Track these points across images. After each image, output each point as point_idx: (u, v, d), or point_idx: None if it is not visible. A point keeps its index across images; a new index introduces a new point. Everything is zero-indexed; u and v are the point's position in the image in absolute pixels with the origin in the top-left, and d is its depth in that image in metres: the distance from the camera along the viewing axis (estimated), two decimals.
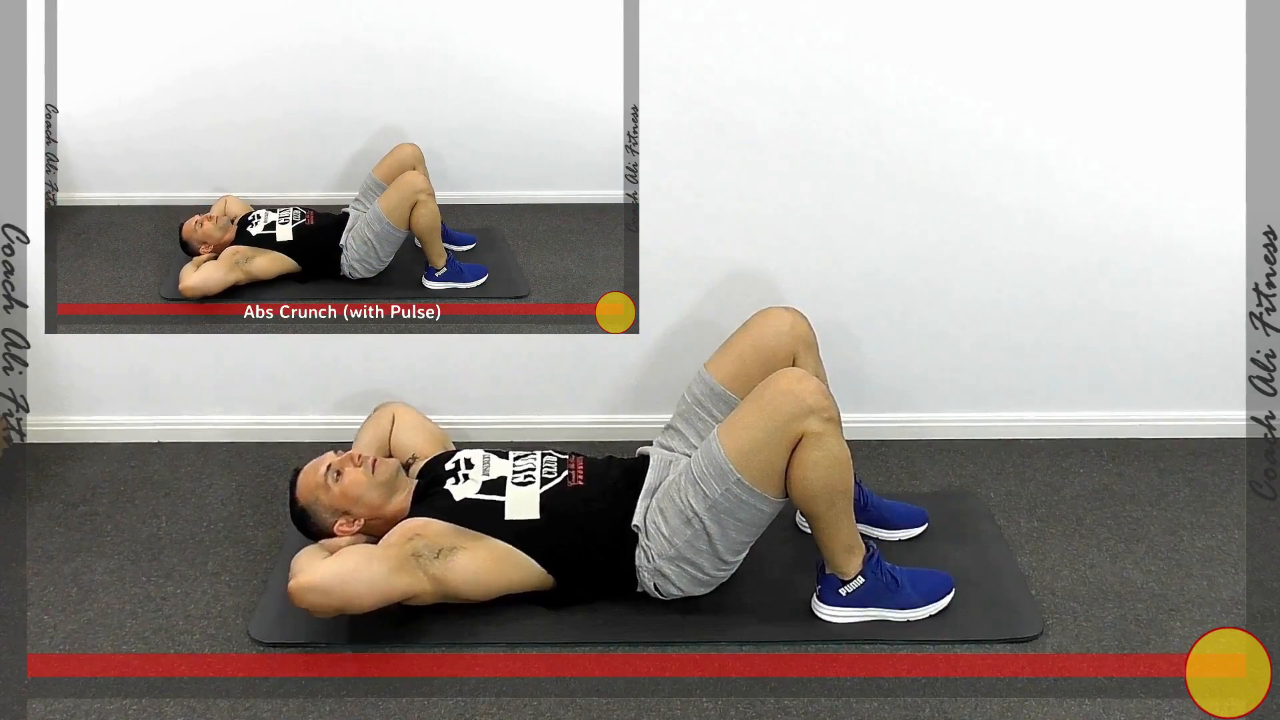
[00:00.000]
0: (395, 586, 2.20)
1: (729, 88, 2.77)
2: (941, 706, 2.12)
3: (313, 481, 2.36)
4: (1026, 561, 2.55)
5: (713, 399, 2.46)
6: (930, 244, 2.91)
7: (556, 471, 2.40)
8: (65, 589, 2.47)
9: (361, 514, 2.36)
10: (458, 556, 2.25)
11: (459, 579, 2.26)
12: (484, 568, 2.27)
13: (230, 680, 2.20)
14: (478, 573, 2.27)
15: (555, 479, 2.38)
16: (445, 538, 2.27)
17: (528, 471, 2.40)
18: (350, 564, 2.19)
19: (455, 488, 2.37)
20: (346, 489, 2.34)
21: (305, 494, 2.37)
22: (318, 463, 2.40)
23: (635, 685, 2.18)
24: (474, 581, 2.27)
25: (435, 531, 2.28)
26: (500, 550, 2.29)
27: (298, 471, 2.42)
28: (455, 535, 2.28)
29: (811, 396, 2.16)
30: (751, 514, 2.22)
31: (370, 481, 2.36)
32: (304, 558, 2.29)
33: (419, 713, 2.12)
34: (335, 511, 2.36)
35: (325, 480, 2.35)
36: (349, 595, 2.17)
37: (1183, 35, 2.74)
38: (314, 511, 2.37)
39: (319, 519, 2.37)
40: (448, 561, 2.25)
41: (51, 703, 2.14)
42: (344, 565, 2.18)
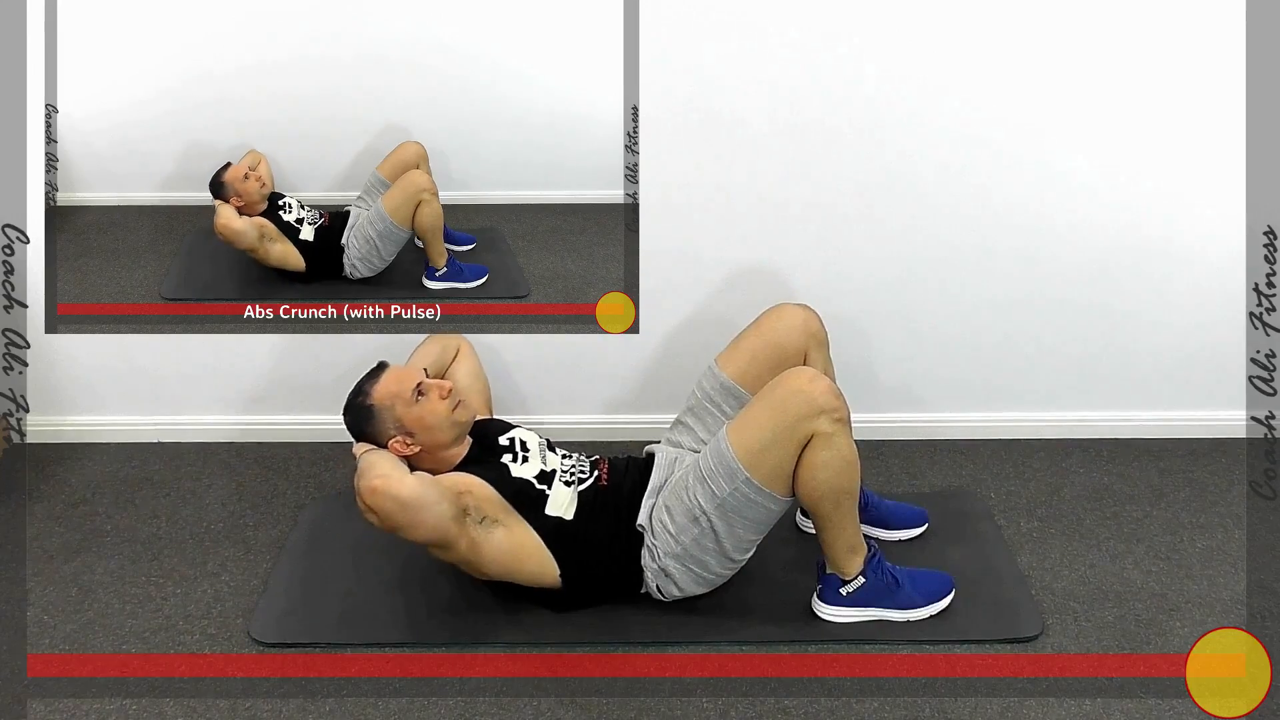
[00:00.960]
0: (450, 532, 2.16)
1: (729, 88, 2.77)
2: (941, 706, 2.12)
3: (396, 390, 2.29)
4: (1026, 561, 2.55)
5: (723, 394, 2.46)
6: (929, 244, 2.91)
7: (589, 472, 2.40)
8: (65, 589, 2.47)
9: (423, 443, 2.29)
10: (497, 531, 2.24)
11: (491, 552, 2.24)
12: (513, 551, 2.26)
13: (230, 680, 2.20)
14: (507, 554, 2.25)
15: (589, 480, 2.38)
16: (492, 506, 2.25)
17: (572, 471, 2.39)
18: (434, 493, 2.14)
19: (513, 465, 2.34)
20: (425, 414, 2.27)
21: (383, 397, 2.29)
22: (410, 372, 2.33)
23: (635, 685, 2.18)
24: (499, 561, 2.26)
25: (485, 497, 2.25)
26: (531, 540, 2.27)
27: (384, 365, 2.36)
28: (501, 509, 2.26)
29: (823, 396, 2.16)
30: (759, 513, 2.22)
31: (449, 419, 2.30)
32: (385, 462, 2.20)
33: (419, 713, 2.12)
34: (401, 427, 2.28)
35: (411, 395, 2.28)
36: (418, 521, 2.12)
37: (1183, 36, 2.74)
38: (382, 417, 2.28)
39: (381, 425, 2.29)
40: (489, 532, 2.23)
41: (51, 703, 2.14)
42: (429, 492, 2.13)
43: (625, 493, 2.36)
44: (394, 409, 2.28)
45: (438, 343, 2.63)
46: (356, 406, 2.32)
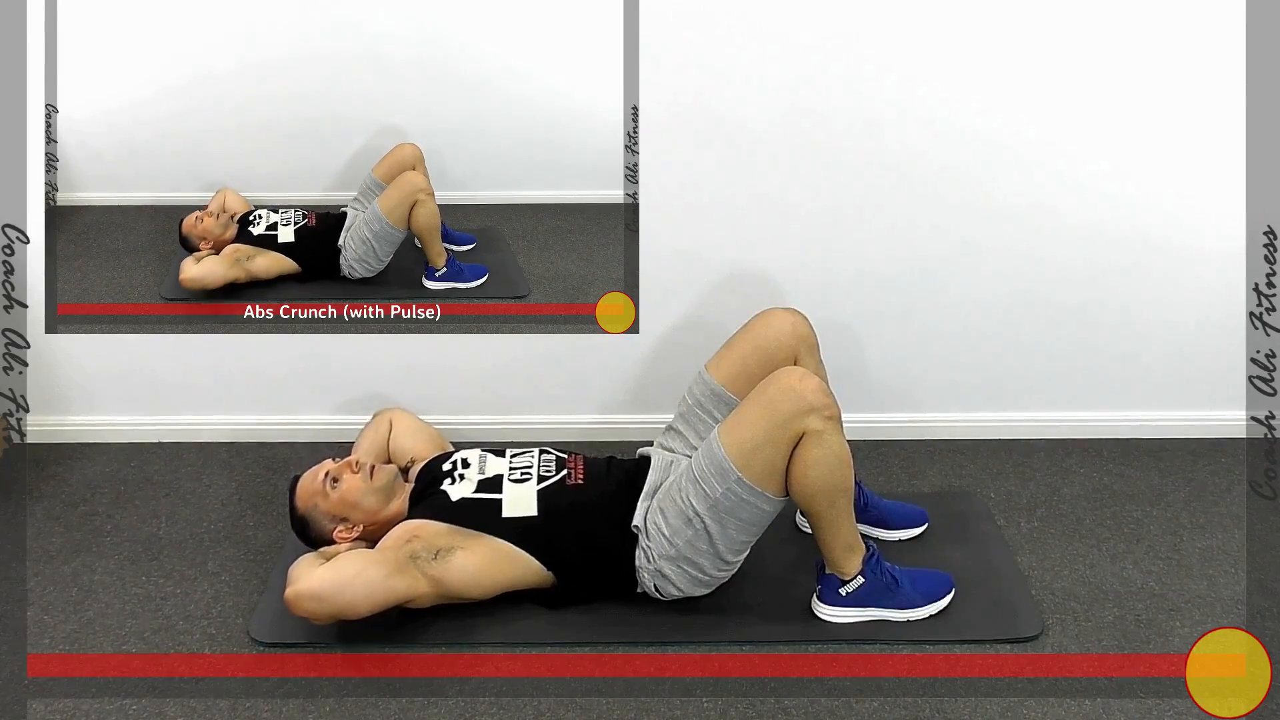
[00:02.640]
0: (393, 590, 2.20)
1: (729, 88, 2.77)
2: (941, 706, 2.12)
3: (311, 488, 2.37)
4: (1026, 561, 2.55)
5: (713, 400, 2.46)
6: (930, 244, 2.91)
7: (555, 470, 2.40)
8: (65, 589, 2.47)
9: (360, 520, 2.36)
10: (455, 556, 2.25)
11: (457, 578, 2.26)
12: (482, 566, 2.27)
13: (230, 680, 2.20)
14: (476, 571, 2.27)
15: (553, 477, 2.38)
16: (442, 538, 2.27)
17: (524, 469, 2.40)
18: (347, 570, 2.18)
19: (452, 488, 2.37)
20: (344, 495, 2.35)
21: (304, 501, 2.37)
22: (316, 470, 2.40)
23: (635, 685, 2.18)
24: (473, 580, 2.27)
25: (432, 532, 2.28)
26: (499, 548, 2.29)
27: (296, 479, 2.42)
28: (453, 535, 2.28)
29: (813, 394, 2.16)
30: (752, 513, 2.22)
31: (368, 487, 2.36)
32: (301, 565, 2.27)
33: (419, 713, 2.12)
34: (334, 518, 2.36)
35: (324, 487, 2.35)
36: (346, 601, 2.16)
37: (1183, 35, 2.74)
38: (313, 518, 2.37)
39: (318, 526, 2.37)
40: (446, 561, 2.24)
41: (51, 703, 2.14)
42: (340, 571, 2.18)
43: (610, 492, 2.36)
44: (318, 506, 2.36)
45: (368, 431, 2.70)
46: (293, 523, 2.41)
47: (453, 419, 2.98)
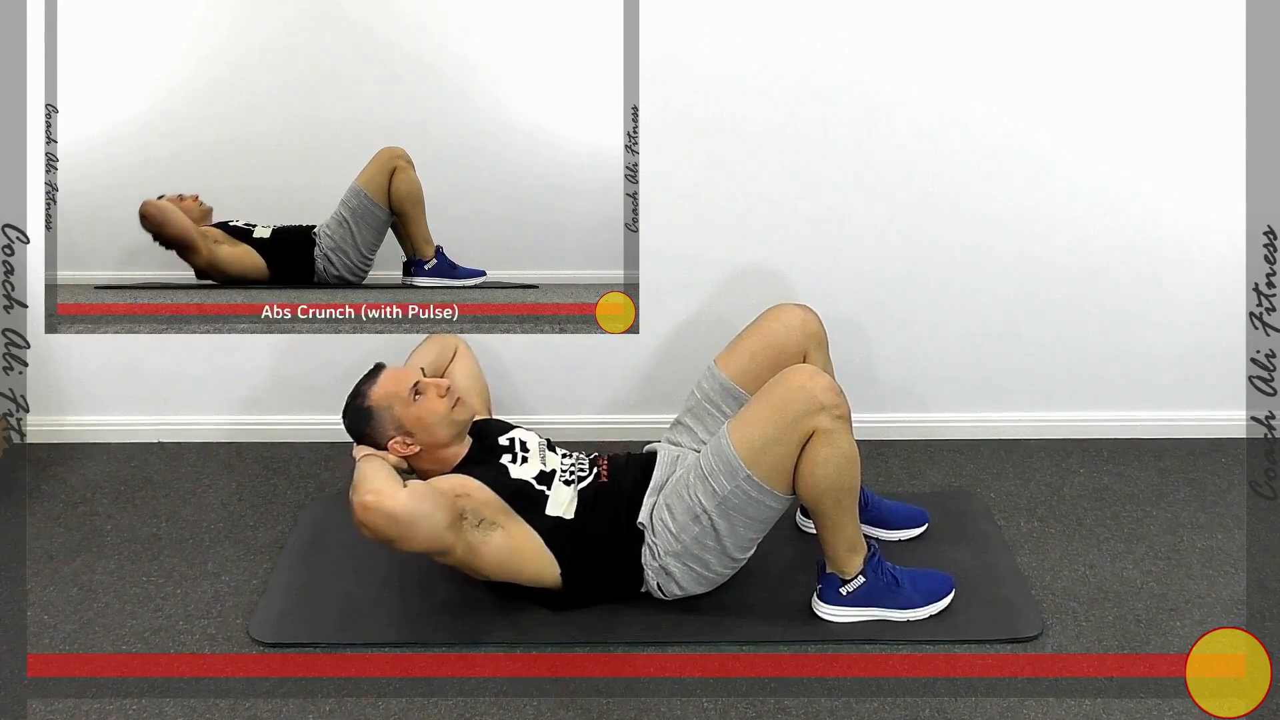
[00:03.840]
0: (445, 541, 2.16)
1: (729, 88, 2.77)
2: (941, 706, 2.12)
3: (394, 390, 2.30)
4: (1026, 561, 2.55)
5: (722, 395, 2.46)
6: (929, 244, 2.91)
7: (589, 470, 2.40)
8: (65, 589, 2.47)
9: (423, 442, 2.30)
10: (495, 534, 2.24)
11: (489, 555, 2.24)
12: (512, 551, 2.26)
13: (230, 680, 2.20)
14: (506, 556, 2.25)
15: (589, 479, 2.38)
16: (490, 509, 2.24)
17: (573, 470, 2.39)
18: (425, 505, 2.12)
19: (513, 466, 2.34)
20: (423, 412, 2.28)
21: (381, 398, 2.30)
22: (407, 372, 2.34)
23: (635, 685, 2.18)
24: (498, 562, 2.25)
25: (483, 500, 2.24)
26: (531, 541, 2.27)
27: (381, 367, 2.37)
28: (500, 511, 2.26)
29: (823, 393, 2.16)
30: (760, 511, 2.22)
31: (447, 417, 2.30)
32: (379, 475, 2.18)
33: (419, 713, 2.12)
34: (399, 427, 2.29)
35: (409, 394, 2.29)
36: (412, 535, 2.11)
37: (1183, 36, 2.74)
38: (380, 417, 2.29)
39: (380, 426, 2.30)
40: (487, 534, 2.23)
41: (51, 703, 2.14)
42: (421, 505, 2.12)
43: (626, 490, 2.36)
44: (392, 409, 2.29)
45: (435, 343, 2.63)
46: (354, 408, 2.33)
47: None
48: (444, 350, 2.62)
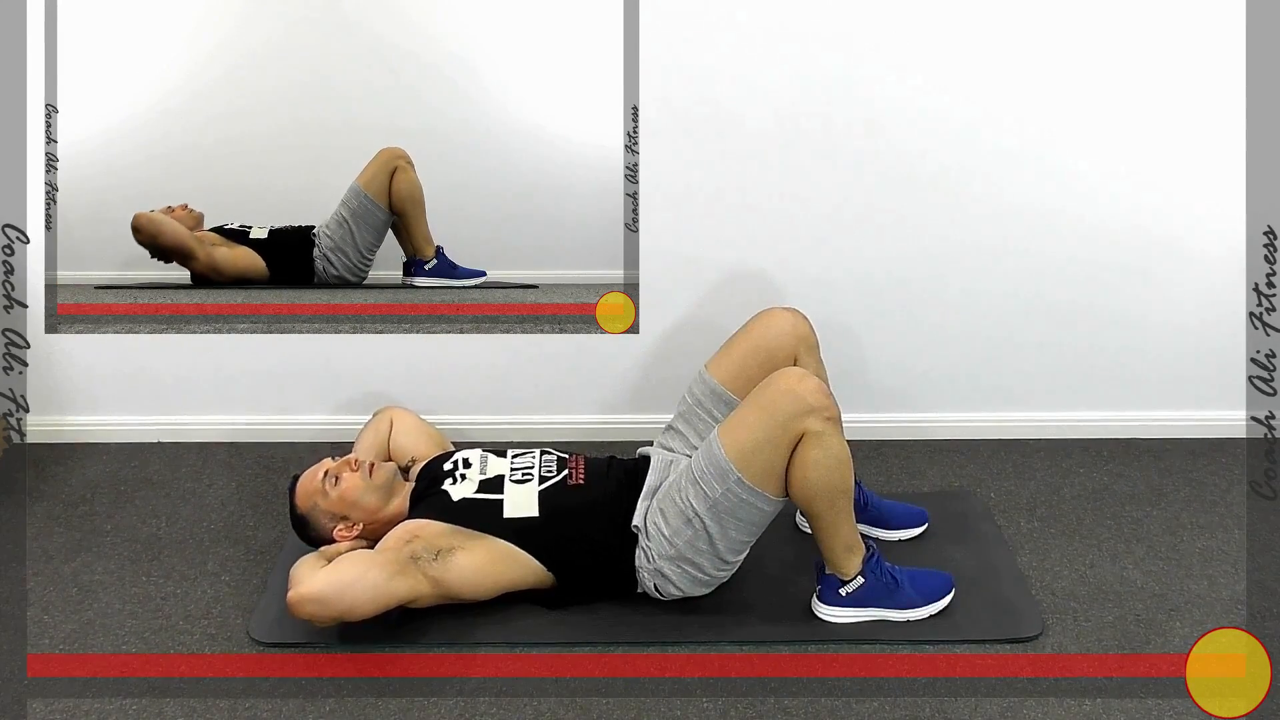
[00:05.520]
0: (394, 592, 2.20)
1: (729, 88, 2.77)
2: (941, 706, 2.12)
3: (311, 487, 2.37)
4: (1026, 561, 2.55)
5: (713, 399, 2.46)
6: (929, 244, 2.91)
7: (556, 470, 2.40)
8: (65, 589, 2.47)
9: (360, 518, 2.37)
10: (456, 556, 2.25)
11: (458, 579, 2.26)
12: (483, 567, 2.27)
13: (230, 680, 2.20)
14: (477, 572, 2.27)
15: (554, 477, 2.38)
16: (443, 538, 2.27)
17: (525, 469, 2.40)
18: (349, 572, 2.18)
19: (453, 488, 2.37)
20: (344, 493, 2.35)
21: (304, 500, 2.38)
22: (315, 469, 2.40)
23: (635, 685, 2.18)
24: (473, 581, 2.27)
25: (433, 532, 2.28)
26: (500, 548, 2.29)
27: (296, 478, 2.42)
28: (453, 535, 2.28)
29: (812, 395, 2.16)
30: (752, 513, 2.22)
31: (368, 485, 2.36)
32: (303, 567, 2.26)
33: (419, 713, 2.12)
34: (334, 517, 2.36)
35: (323, 486, 2.36)
36: (348, 604, 2.16)
37: (1183, 35, 2.74)
38: (313, 517, 2.37)
39: (318, 525, 2.37)
40: (446, 562, 2.24)
41: (51, 703, 2.14)
42: (342, 574, 2.17)
43: (610, 492, 2.36)
44: (318, 505, 2.37)
45: (369, 429, 2.70)
46: (294, 522, 2.42)
47: (453, 419, 2.98)
48: (378, 429, 2.69)
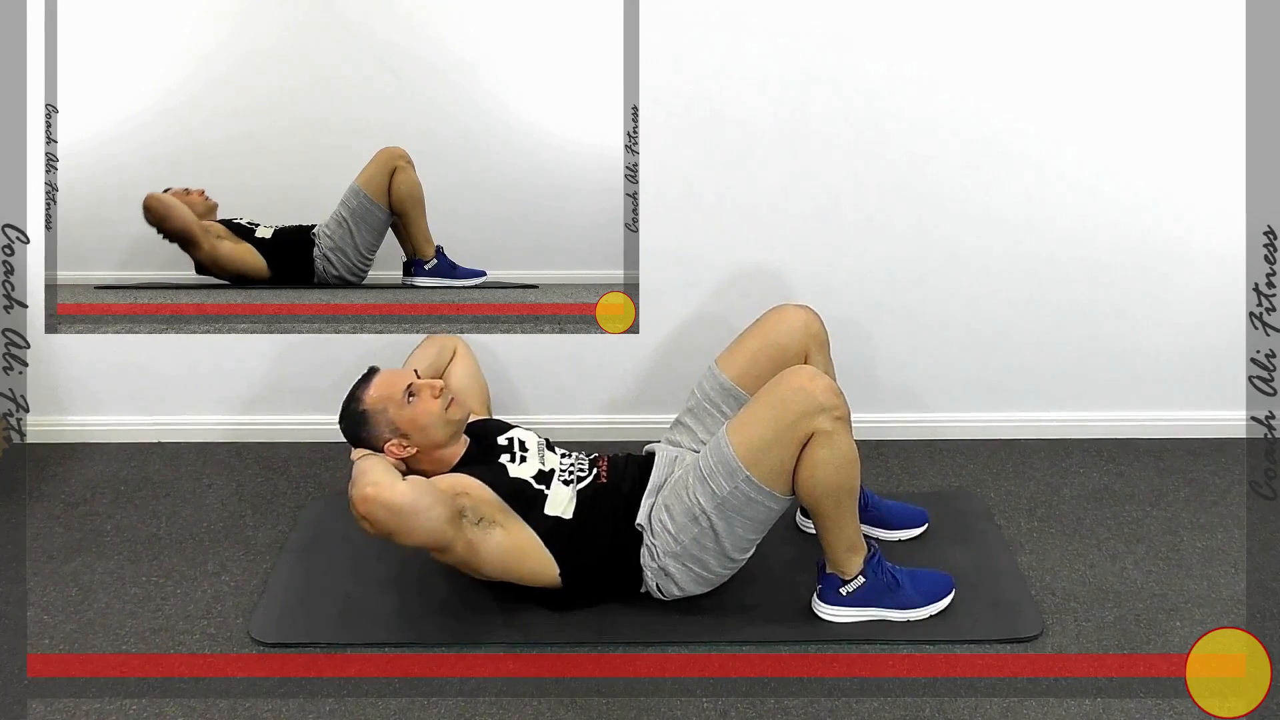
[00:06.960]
0: (446, 535, 2.15)
1: (729, 88, 2.77)
2: (941, 706, 2.12)
3: (388, 392, 2.29)
4: (1026, 561, 2.55)
5: (722, 395, 2.46)
6: (928, 244, 2.91)
7: (589, 472, 2.40)
8: (65, 589, 2.47)
9: (418, 443, 2.30)
10: (495, 532, 2.24)
11: (489, 553, 2.24)
12: (511, 550, 2.26)
13: (230, 680, 2.20)
14: (506, 553, 2.25)
15: (588, 479, 2.38)
16: (490, 507, 2.25)
17: (571, 470, 2.39)
18: (425, 498, 2.12)
19: (511, 465, 2.34)
20: (418, 415, 2.28)
21: (375, 400, 2.29)
22: (402, 374, 2.34)
23: (635, 685, 2.18)
24: (497, 560, 2.25)
25: (482, 498, 2.25)
26: (529, 540, 2.27)
27: (375, 370, 2.36)
28: (499, 509, 2.26)
29: (823, 394, 2.16)
30: (760, 511, 2.22)
31: (442, 418, 2.30)
32: (377, 468, 2.18)
33: (419, 713, 2.12)
34: (395, 430, 2.29)
35: (402, 396, 2.28)
36: (412, 527, 2.11)
37: (1183, 36, 2.74)
38: (375, 420, 2.29)
39: (375, 429, 2.29)
40: (486, 532, 2.23)
41: (51, 703, 2.14)
42: (421, 498, 2.12)
43: (625, 491, 2.36)
44: (387, 411, 2.28)
45: (434, 344, 2.62)
46: (349, 412, 2.33)
47: None
48: (442, 351, 2.62)
